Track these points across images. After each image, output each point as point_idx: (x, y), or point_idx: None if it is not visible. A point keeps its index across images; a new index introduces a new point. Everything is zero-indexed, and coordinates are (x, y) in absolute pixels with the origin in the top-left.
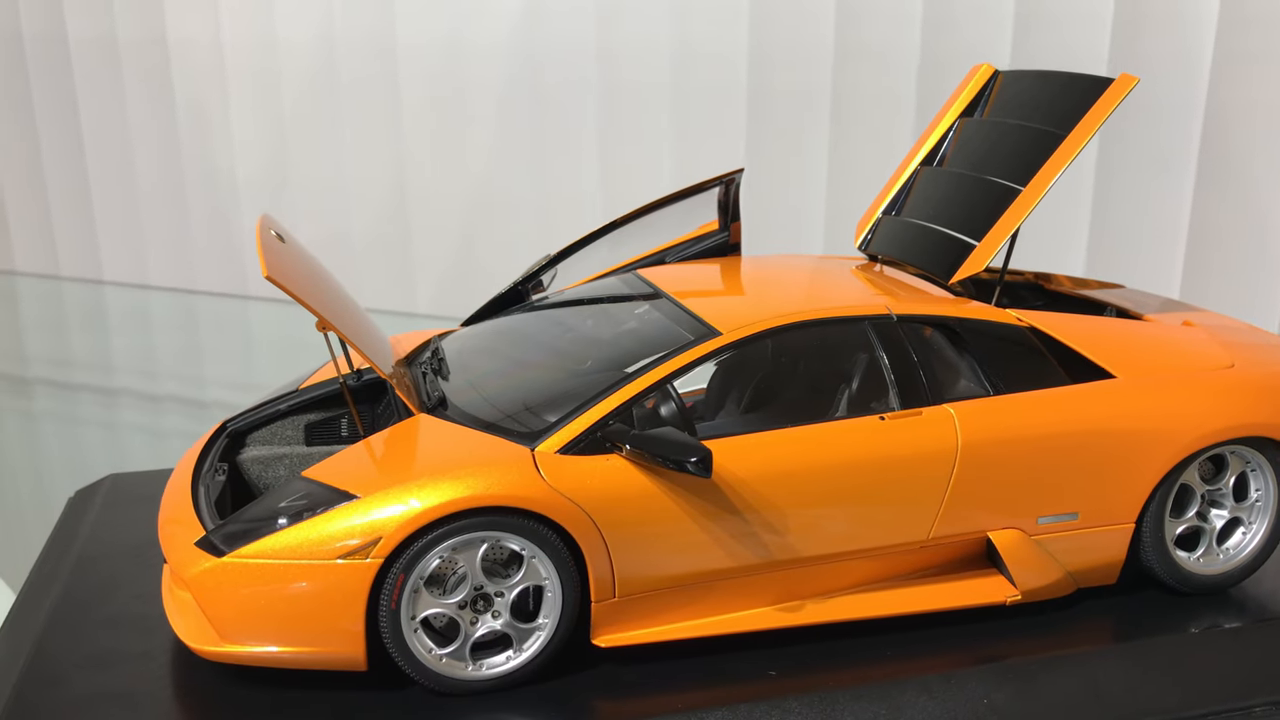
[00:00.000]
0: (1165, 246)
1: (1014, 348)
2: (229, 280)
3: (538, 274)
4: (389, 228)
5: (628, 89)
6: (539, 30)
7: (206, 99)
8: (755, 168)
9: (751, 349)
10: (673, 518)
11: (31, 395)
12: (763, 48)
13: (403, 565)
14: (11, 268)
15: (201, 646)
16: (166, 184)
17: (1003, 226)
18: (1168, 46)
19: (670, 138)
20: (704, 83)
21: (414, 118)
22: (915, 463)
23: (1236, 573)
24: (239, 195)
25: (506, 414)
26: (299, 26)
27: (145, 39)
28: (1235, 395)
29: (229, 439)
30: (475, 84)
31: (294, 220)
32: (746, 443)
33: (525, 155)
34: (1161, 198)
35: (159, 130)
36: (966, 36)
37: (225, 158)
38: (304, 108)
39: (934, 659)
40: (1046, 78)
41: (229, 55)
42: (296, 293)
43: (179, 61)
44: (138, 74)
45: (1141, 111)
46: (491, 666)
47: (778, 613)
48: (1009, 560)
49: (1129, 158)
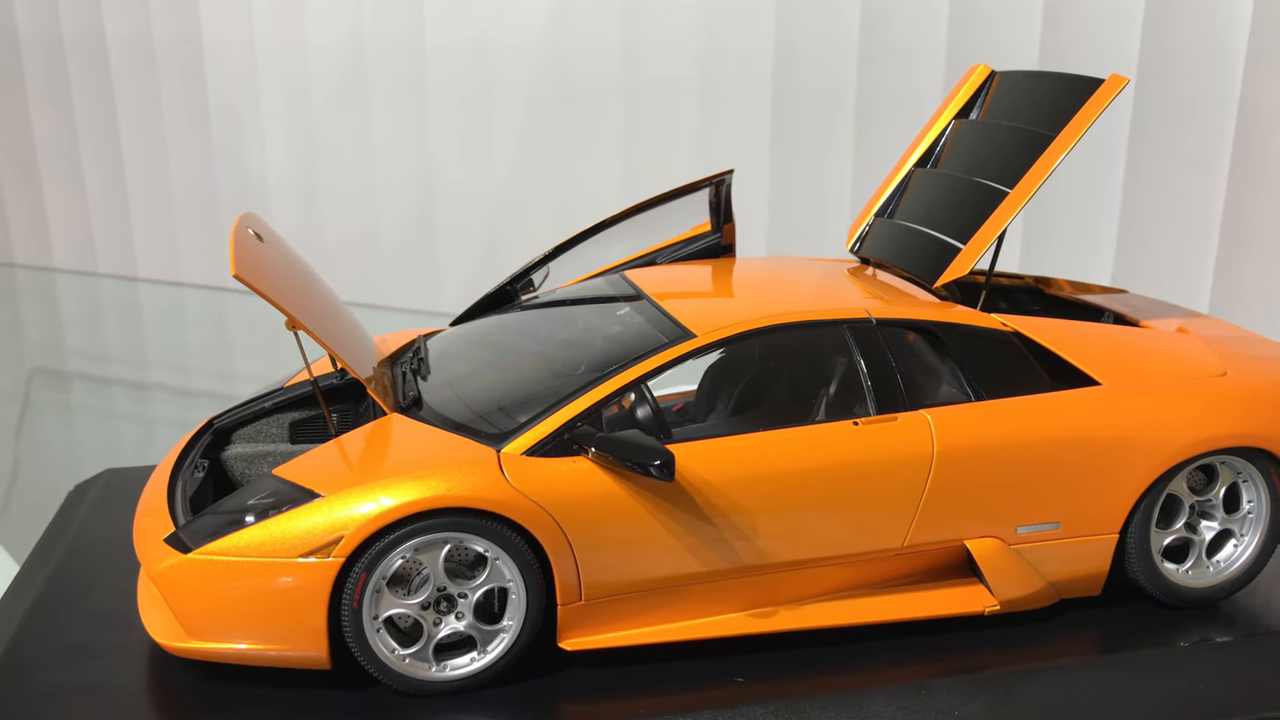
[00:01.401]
0: (1197, 247)
1: (997, 353)
2: None
3: (528, 274)
4: (415, 227)
5: (653, 88)
6: (565, 30)
7: (238, 100)
8: (781, 166)
9: (739, 351)
10: (640, 521)
11: (69, 388)
12: (788, 46)
13: (365, 565)
14: (51, 264)
15: (169, 642)
16: (199, 183)
17: (988, 229)
18: (1200, 42)
19: (696, 137)
20: (730, 81)
21: (441, 118)
22: (888, 469)
23: (1226, 586)
24: (269, 195)
25: (478, 414)
26: (329, 28)
27: (180, 40)
28: (1226, 404)
29: (214, 436)
30: (502, 84)
31: (321, 220)
32: (717, 446)
33: (551, 155)
34: (1193, 197)
35: (193, 130)
36: (994, 34)
37: (256, 158)
38: (333, 108)
39: (908, 669)
40: (1041, 78)
41: (261, 56)
42: (265, 291)
43: (213, 63)
44: (173, 75)
45: (1173, 109)
46: (455, 668)
47: (749, 619)
48: (987, 569)
49: (1160, 156)
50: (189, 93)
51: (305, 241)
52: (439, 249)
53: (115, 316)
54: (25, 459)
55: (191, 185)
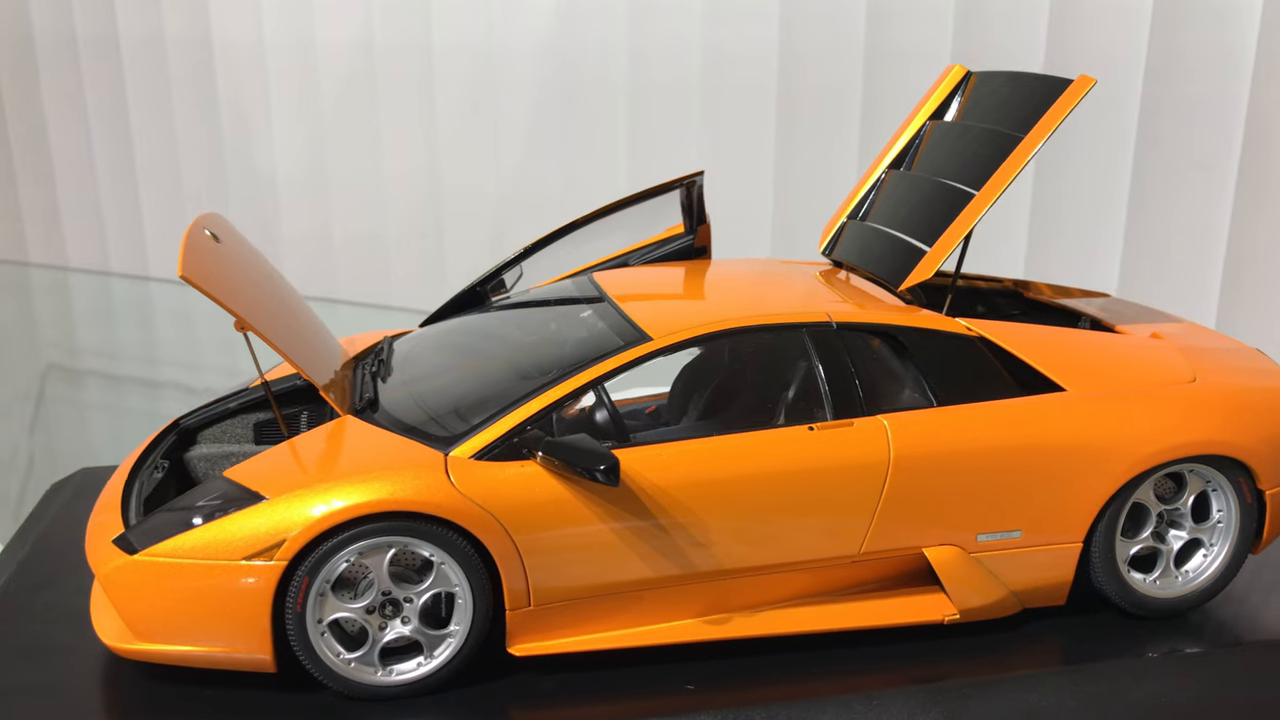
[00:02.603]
0: (1203, 255)
1: (961, 357)
2: None
3: (497, 274)
4: (422, 226)
5: (659, 89)
6: (571, 31)
7: (248, 99)
8: (785, 168)
9: (709, 355)
10: (589, 527)
11: (82, 385)
12: (793, 48)
13: (308, 568)
14: (64, 263)
15: (116, 644)
16: (210, 182)
17: (954, 232)
18: (1209, 43)
19: (701, 138)
20: (735, 83)
21: (448, 118)
22: (843, 475)
23: (1194, 597)
24: (278, 195)
25: (431, 417)
26: (338, 28)
27: (192, 39)
28: (1193, 411)
29: (180, 435)
30: (509, 85)
31: (329, 219)
32: (669, 451)
33: (557, 155)
34: (1200, 203)
35: (204, 129)
36: (1000, 35)
37: (265, 157)
38: (342, 108)
39: (864, 678)
40: (1015, 79)
41: (270, 56)
42: (214, 293)
43: (223, 62)
44: (184, 74)
45: (1180, 113)
46: (401, 672)
47: (702, 625)
48: (945, 578)
49: (1166, 161)
50: (200, 92)
51: (312, 241)
52: (445, 248)
53: (127, 314)
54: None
55: (202, 184)
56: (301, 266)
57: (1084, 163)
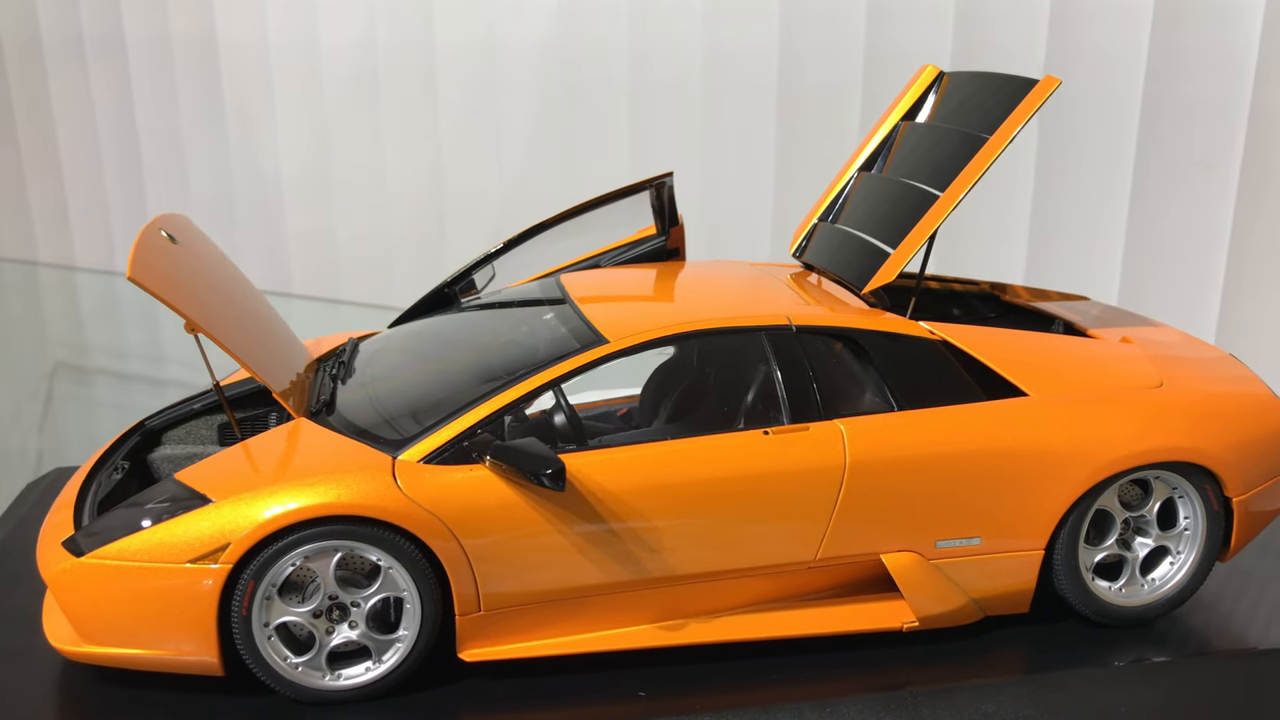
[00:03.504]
0: (1205, 255)
1: (923, 361)
2: (274, 278)
3: (466, 275)
4: (425, 226)
5: (660, 88)
6: (572, 30)
7: (253, 99)
8: (786, 168)
9: (680, 358)
10: (540, 532)
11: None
12: (793, 48)
13: (253, 572)
14: (72, 262)
15: (64, 646)
16: (216, 182)
17: (917, 234)
18: (1210, 43)
19: (701, 137)
20: (736, 82)
21: (451, 118)
22: (798, 480)
23: (1160, 605)
24: (283, 195)
25: (385, 420)
26: (342, 29)
27: (197, 39)
28: (1158, 417)
29: (143, 437)
30: (511, 84)
31: (333, 219)
32: (622, 455)
33: (559, 155)
34: (1202, 204)
35: (209, 130)
36: (999, 35)
37: (270, 157)
38: (345, 108)
39: (821, 685)
40: (983, 79)
41: (274, 56)
42: (163, 295)
43: (228, 63)
44: (190, 75)
45: (1182, 113)
46: (349, 677)
47: (656, 631)
48: (903, 584)
49: (1167, 162)
50: (205, 93)
51: (317, 240)
52: (449, 248)
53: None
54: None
55: (208, 185)
56: (306, 266)
57: (1085, 163)
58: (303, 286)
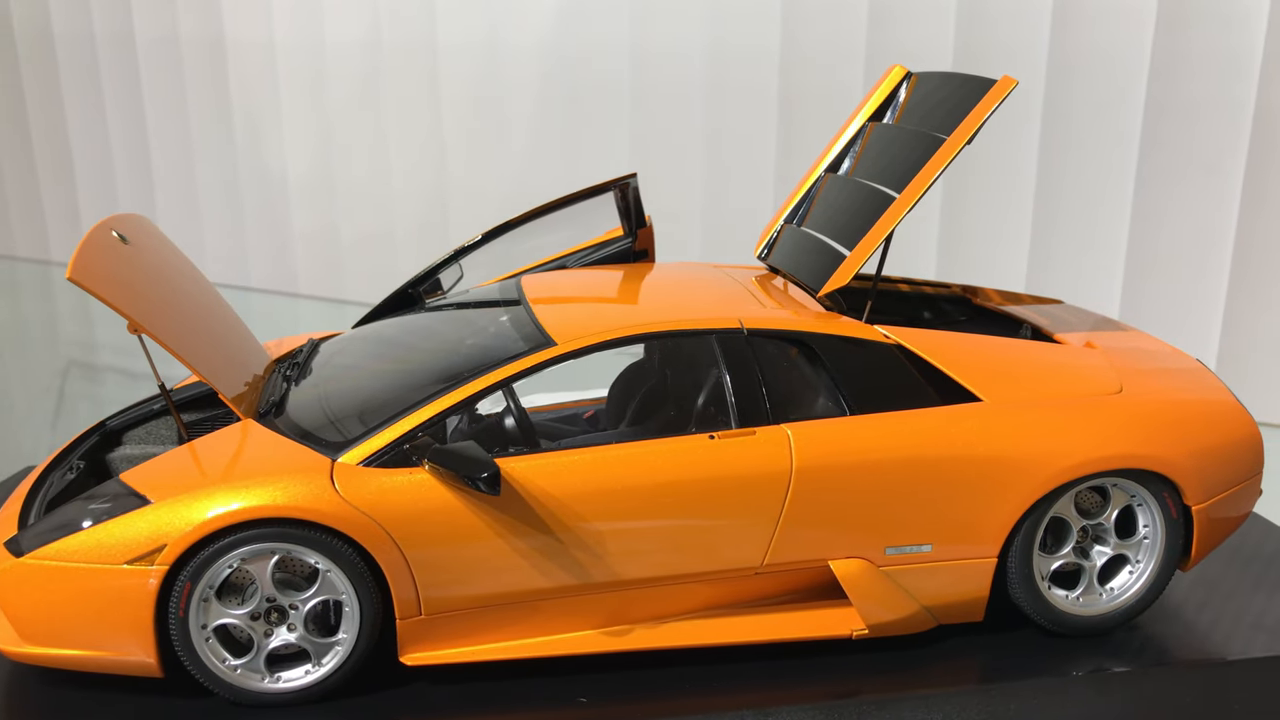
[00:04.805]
0: (1209, 260)
1: (877, 366)
2: (280, 278)
3: (431, 275)
4: (428, 225)
5: (661, 88)
6: (574, 30)
7: (260, 100)
8: (786, 168)
9: (646, 360)
10: (480, 536)
11: (101, 381)
12: (795, 48)
13: (190, 573)
14: None
15: (5, 647)
16: (223, 182)
17: (873, 236)
18: (1214, 44)
19: (702, 138)
20: (737, 83)
21: (455, 118)
22: (744, 485)
23: (1118, 615)
24: (289, 194)
25: (330, 422)
26: (347, 29)
27: (205, 40)
28: (1115, 424)
29: (103, 436)
30: (514, 84)
31: (338, 218)
32: (566, 460)
33: (561, 154)
34: (1206, 206)
35: (216, 129)
36: (1001, 35)
37: (276, 157)
38: (350, 108)
39: (766, 692)
40: (948, 80)
41: (280, 57)
42: (105, 295)
43: (235, 63)
44: (198, 75)
45: (1185, 114)
46: (288, 680)
47: (601, 637)
48: (851, 591)
49: (1171, 164)
50: (214, 93)
51: (322, 240)
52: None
53: None
54: None
55: (216, 185)
56: (311, 266)
57: (1087, 165)
58: (309, 286)
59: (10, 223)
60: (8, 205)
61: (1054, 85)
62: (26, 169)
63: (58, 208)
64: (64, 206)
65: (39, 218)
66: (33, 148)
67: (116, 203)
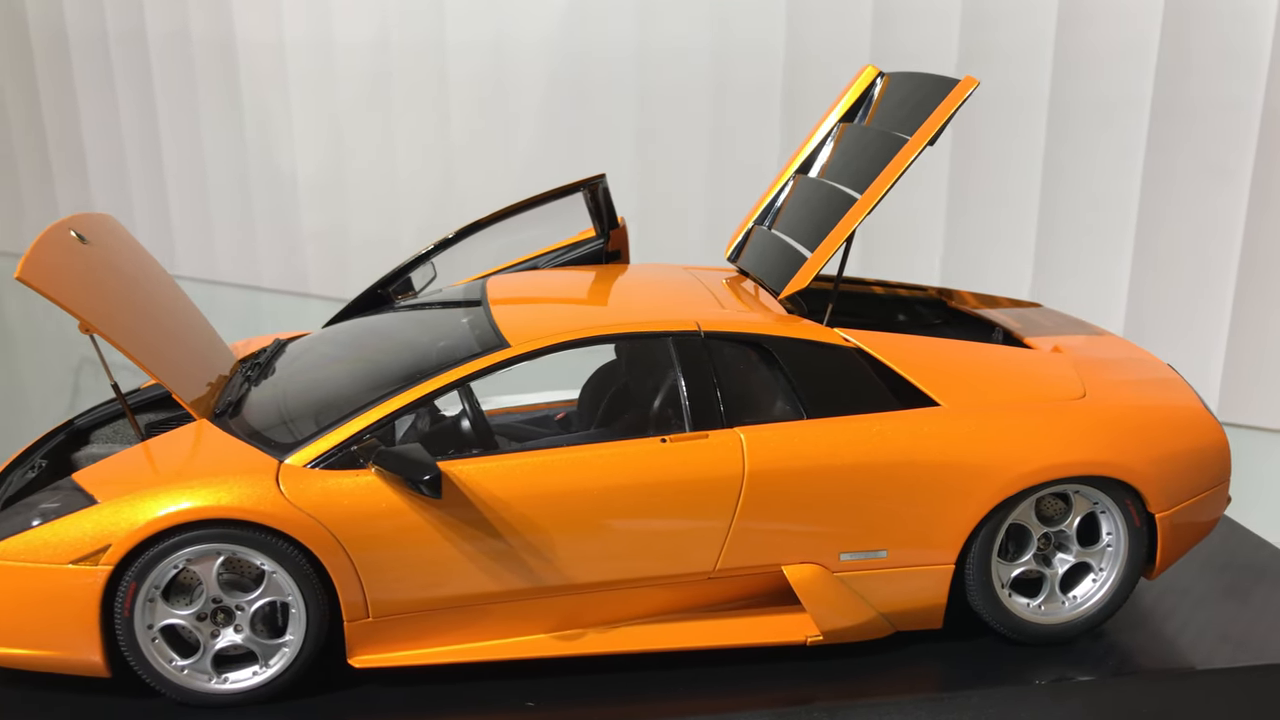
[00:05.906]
0: (1216, 264)
1: (835, 370)
2: (290, 278)
3: (400, 275)
4: (437, 225)
5: (667, 89)
6: (581, 30)
7: (270, 99)
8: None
9: (615, 362)
10: (427, 539)
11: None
12: (800, 47)
13: (135, 573)
14: None
15: None
16: (233, 181)
17: (833, 238)
18: (1221, 42)
19: (708, 137)
20: (742, 82)
21: (463, 117)
22: (694, 489)
23: (1080, 623)
24: (298, 194)
25: (283, 423)
26: (356, 29)
27: (216, 39)
28: (1076, 429)
29: (71, 435)
30: (521, 83)
31: (347, 218)
32: (515, 463)
33: (567, 153)
34: (1214, 209)
35: (228, 130)
36: (1005, 36)
37: (286, 156)
38: (360, 108)
39: (719, 699)
40: (915, 80)
41: (290, 56)
42: (54, 295)
43: (245, 63)
44: (209, 75)
45: (1190, 115)
46: (235, 681)
47: (552, 641)
48: (805, 597)
49: (1176, 167)
50: (225, 93)
51: (331, 240)
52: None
53: None
54: None
55: (227, 184)
56: (321, 266)
57: (1092, 167)
58: (319, 286)
59: (24, 220)
60: (22, 203)
61: (1059, 86)
62: (41, 167)
63: (71, 206)
64: (77, 205)
65: (53, 216)
66: (47, 146)
67: (129, 201)
